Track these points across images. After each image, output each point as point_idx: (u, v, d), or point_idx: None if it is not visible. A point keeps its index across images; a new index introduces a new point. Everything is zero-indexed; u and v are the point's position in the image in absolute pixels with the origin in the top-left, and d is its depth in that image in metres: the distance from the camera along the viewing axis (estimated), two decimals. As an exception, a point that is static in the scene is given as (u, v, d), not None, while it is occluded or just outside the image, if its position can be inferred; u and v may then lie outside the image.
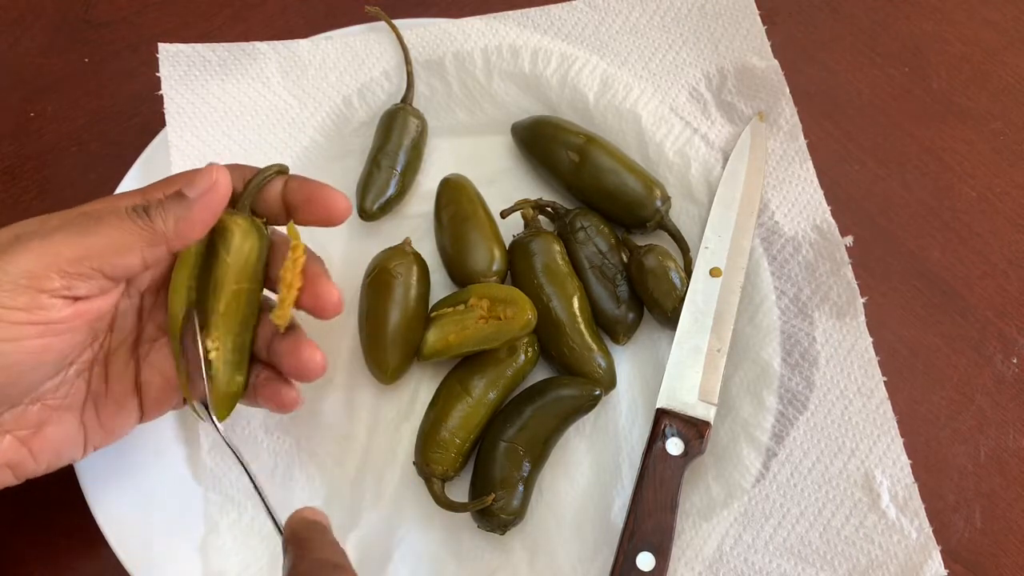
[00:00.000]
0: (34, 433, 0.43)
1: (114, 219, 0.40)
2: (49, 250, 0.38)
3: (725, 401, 0.54)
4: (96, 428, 0.45)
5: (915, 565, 0.50)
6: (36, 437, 0.43)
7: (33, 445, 0.43)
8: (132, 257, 0.41)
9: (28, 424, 0.43)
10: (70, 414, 0.44)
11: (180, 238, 0.42)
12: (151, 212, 0.41)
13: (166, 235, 0.41)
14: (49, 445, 0.43)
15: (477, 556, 0.52)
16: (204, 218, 0.42)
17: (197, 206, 0.42)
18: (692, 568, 0.50)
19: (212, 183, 0.42)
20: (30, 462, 0.43)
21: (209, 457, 0.52)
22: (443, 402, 0.53)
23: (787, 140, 0.60)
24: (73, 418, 0.44)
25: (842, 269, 0.56)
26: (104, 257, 0.40)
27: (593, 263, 0.57)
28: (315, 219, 0.46)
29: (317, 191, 0.45)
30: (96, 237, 0.40)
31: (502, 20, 0.63)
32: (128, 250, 0.40)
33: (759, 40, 0.63)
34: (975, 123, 0.66)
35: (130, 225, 0.40)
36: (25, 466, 0.43)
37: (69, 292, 0.39)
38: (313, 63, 0.61)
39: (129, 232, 0.40)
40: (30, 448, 0.43)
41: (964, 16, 0.69)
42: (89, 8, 0.69)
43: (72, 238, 0.39)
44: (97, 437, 0.46)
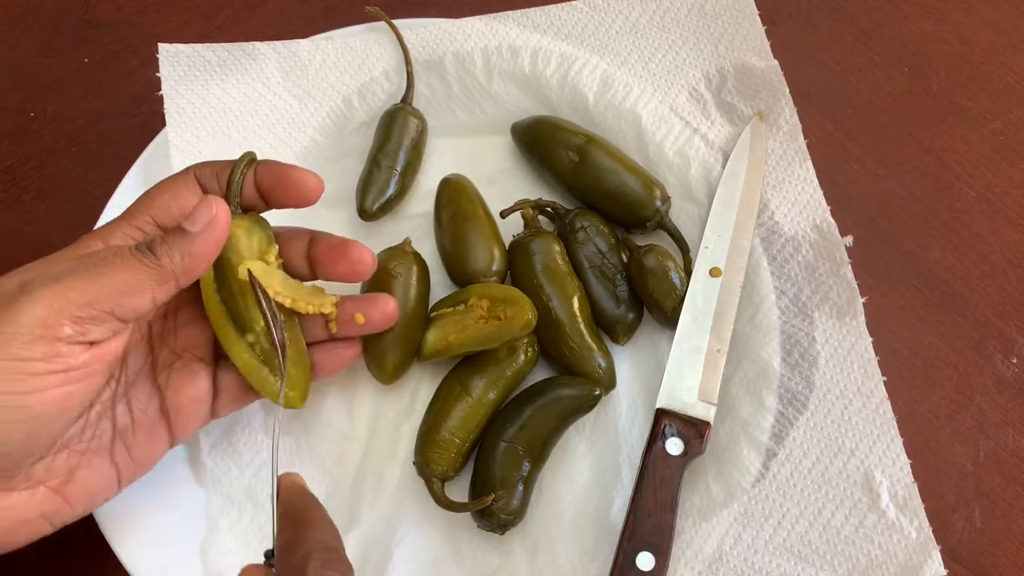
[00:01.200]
0: (66, 481, 0.43)
1: (120, 261, 0.40)
2: (59, 297, 0.38)
3: (725, 401, 0.54)
4: (128, 463, 0.45)
5: (915, 565, 0.50)
6: (68, 485, 0.43)
7: (67, 493, 0.43)
8: (143, 298, 0.41)
9: (58, 473, 0.43)
10: (99, 456, 0.44)
11: (187, 274, 0.42)
12: (157, 250, 0.41)
13: (174, 272, 0.41)
14: (82, 490, 0.43)
15: (477, 556, 0.52)
16: (209, 251, 0.43)
17: (201, 240, 0.42)
18: (692, 568, 0.50)
19: (212, 216, 0.42)
20: (66, 509, 0.43)
21: (210, 458, 0.52)
22: (443, 402, 0.53)
23: (787, 140, 0.60)
24: (103, 460, 0.44)
25: (842, 269, 0.56)
26: (115, 300, 0.40)
27: (593, 263, 0.57)
28: (288, 201, 0.46)
29: (286, 173, 0.46)
30: (105, 280, 0.40)
31: (502, 20, 0.63)
32: (139, 291, 0.40)
33: (759, 40, 0.63)
34: (975, 123, 0.66)
35: (137, 265, 0.40)
36: (61, 514, 0.43)
37: (84, 337, 0.39)
38: (313, 63, 0.61)
39: (137, 272, 0.40)
40: (64, 496, 0.43)
41: (963, 16, 0.69)
42: (89, 8, 0.69)
43: (81, 283, 0.39)
44: (130, 472, 0.46)
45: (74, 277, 0.39)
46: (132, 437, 0.45)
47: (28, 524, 0.42)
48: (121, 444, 0.45)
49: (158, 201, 0.44)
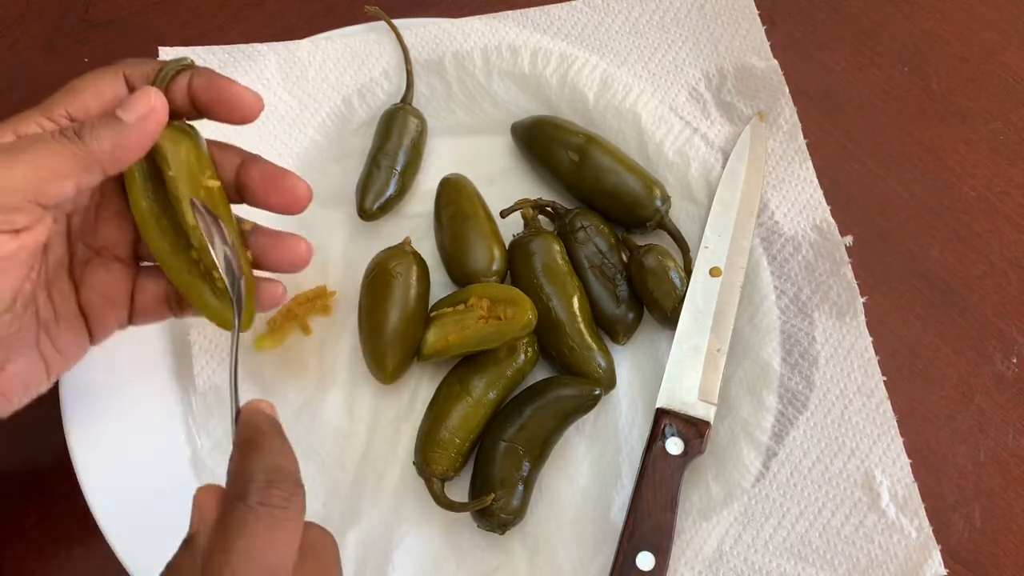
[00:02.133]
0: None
1: (43, 146, 0.39)
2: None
3: (725, 401, 0.54)
4: (54, 355, 0.45)
5: (915, 564, 0.50)
6: (1, 377, 0.42)
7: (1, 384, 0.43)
8: (67, 182, 0.39)
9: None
10: (27, 347, 0.43)
11: (115, 162, 0.40)
12: (84, 135, 0.39)
13: (100, 159, 0.40)
14: (15, 382, 0.43)
15: (477, 556, 0.52)
16: (141, 143, 0.41)
17: (135, 130, 0.40)
18: (692, 568, 0.50)
19: (150, 108, 0.40)
20: (3, 402, 0.43)
21: (209, 457, 0.53)
22: (443, 402, 0.53)
23: (787, 140, 0.60)
24: (31, 351, 0.44)
25: (842, 269, 0.56)
26: (39, 186, 0.38)
27: (593, 263, 0.57)
28: (226, 116, 0.44)
29: (226, 89, 0.44)
30: (29, 166, 0.38)
31: (502, 20, 0.63)
32: (63, 176, 0.39)
33: (759, 40, 0.63)
34: (975, 123, 0.66)
35: (62, 150, 0.39)
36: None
37: (9, 226, 0.38)
38: (313, 63, 0.61)
39: (63, 157, 0.39)
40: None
41: (964, 16, 0.69)
42: (89, 8, 0.69)
43: (3, 169, 0.37)
44: (57, 363, 0.45)
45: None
46: (56, 329, 0.45)
47: None
48: (46, 336, 0.44)
49: (79, 97, 0.42)
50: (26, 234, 0.39)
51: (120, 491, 0.50)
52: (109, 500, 0.50)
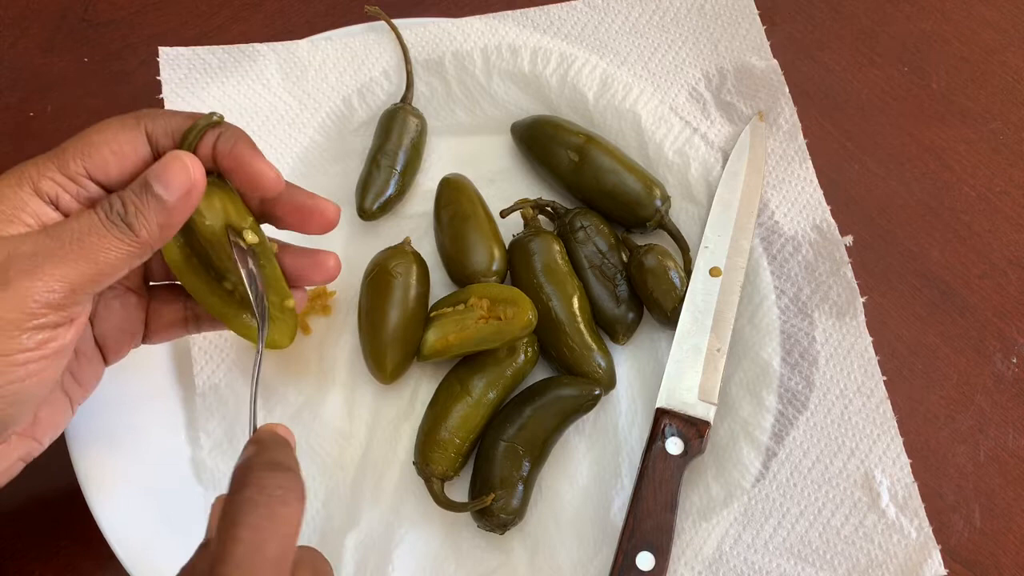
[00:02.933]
0: (33, 424, 0.44)
1: (96, 239, 0.38)
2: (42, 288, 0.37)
3: (725, 401, 0.54)
4: (76, 389, 0.46)
5: (915, 564, 0.50)
6: (35, 426, 0.44)
7: (35, 433, 0.44)
8: (122, 272, 0.40)
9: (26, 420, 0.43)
10: (56, 392, 0.45)
11: (162, 241, 0.41)
12: (133, 224, 0.39)
13: (151, 244, 0.40)
14: (47, 426, 0.45)
15: (477, 556, 0.52)
16: (184, 217, 0.41)
17: (178, 209, 0.40)
18: (692, 568, 0.50)
19: (192, 184, 0.40)
20: (36, 446, 0.44)
21: (210, 458, 0.53)
22: (443, 402, 0.53)
23: (787, 140, 0.60)
24: (58, 394, 0.45)
25: (842, 269, 0.56)
26: (96, 280, 0.39)
27: (593, 263, 0.57)
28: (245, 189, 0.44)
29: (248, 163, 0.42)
30: (84, 263, 0.38)
31: (501, 20, 0.63)
32: (119, 268, 0.39)
33: (759, 40, 0.63)
34: (975, 123, 0.66)
35: (115, 242, 0.39)
36: (34, 452, 0.44)
37: (67, 318, 0.39)
38: (313, 63, 0.61)
39: (116, 249, 0.39)
40: (33, 436, 0.44)
41: (964, 16, 0.69)
42: (89, 8, 0.69)
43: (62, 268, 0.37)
44: (78, 395, 0.46)
45: (52, 262, 0.37)
46: (77, 366, 0.46)
47: (7, 472, 0.43)
48: (69, 375, 0.45)
49: (97, 152, 0.40)
50: (80, 319, 0.40)
51: (120, 491, 0.50)
52: (109, 500, 0.50)
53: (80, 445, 0.51)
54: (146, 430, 0.53)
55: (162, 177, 0.40)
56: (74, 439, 0.51)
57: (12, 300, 0.36)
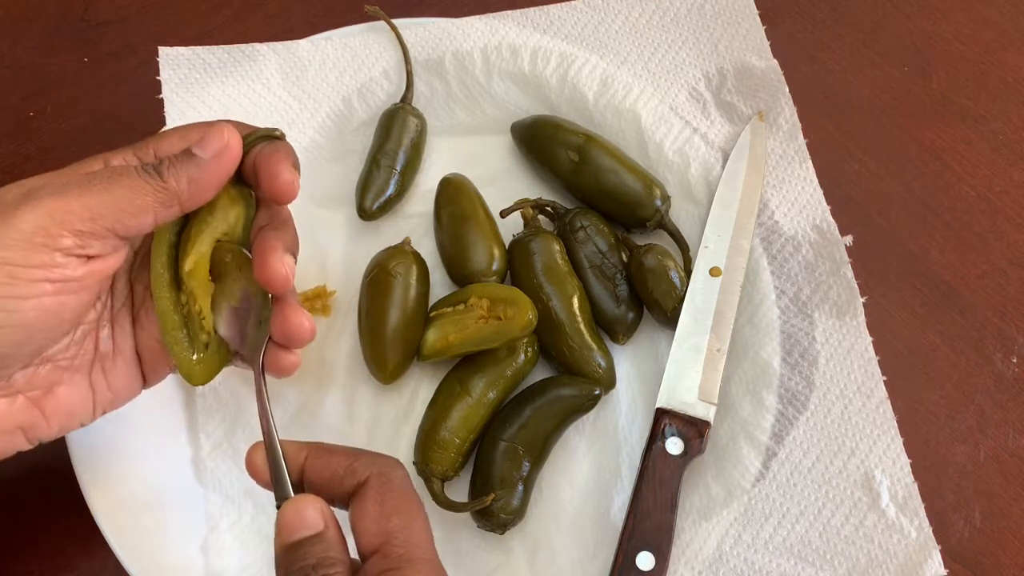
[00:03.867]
0: (45, 394, 0.43)
1: (127, 179, 0.40)
2: (63, 207, 0.38)
3: (725, 401, 0.54)
4: (104, 390, 0.45)
5: (915, 564, 0.50)
6: (48, 398, 0.43)
7: (45, 406, 0.43)
8: (145, 217, 0.40)
9: (39, 384, 0.43)
10: (80, 375, 0.44)
11: (192, 199, 0.41)
12: (163, 172, 0.40)
13: (179, 196, 0.41)
14: (60, 407, 0.43)
15: (477, 556, 0.52)
16: (217, 180, 0.42)
17: (210, 167, 0.41)
18: (692, 568, 0.50)
19: (224, 144, 0.41)
20: (43, 424, 0.43)
21: (210, 458, 0.52)
22: (443, 402, 0.53)
23: (787, 140, 0.60)
24: (83, 379, 0.44)
25: (842, 269, 0.56)
26: (118, 216, 0.39)
27: (593, 263, 0.57)
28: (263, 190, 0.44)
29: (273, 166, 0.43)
30: (110, 196, 0.39)
31: (501, 20, 0.63)
32: (142, 210, 0.40)
33: (759, 40, 0.63)
34: (975, 123, 0.66)
35: (143, 185, 0.40)
36: (37, 429, 0.43)
37: (83, 251, 0.39)
38: (313, 63, 0.61)
39: (143, 192, 0.40)
40: (42, 410, 0.43)
41: (964, 16, 0.69)
42: (88, 8, 0.69)
43: (86, 197, 0.38)
44: (105, 400, 0.45)
45: (80, 190, 0.38)
46: (111, 364, 0.45)
47: (4, 435, 0.42)
48: (100, 368, 0.45)
49: (167, 140, 0.43)
50: (97, 261, 0.40)
51: (120, 491, 0.50)
52: (109, 500, 0.50)
53: (80, 445, 0.51)
54: (146, 430, 0.53)
55: (200, 140, 0.41)
56: (74, 439, 0.51)
57: (31, 214, 0.37)
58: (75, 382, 0.44)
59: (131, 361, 0.46)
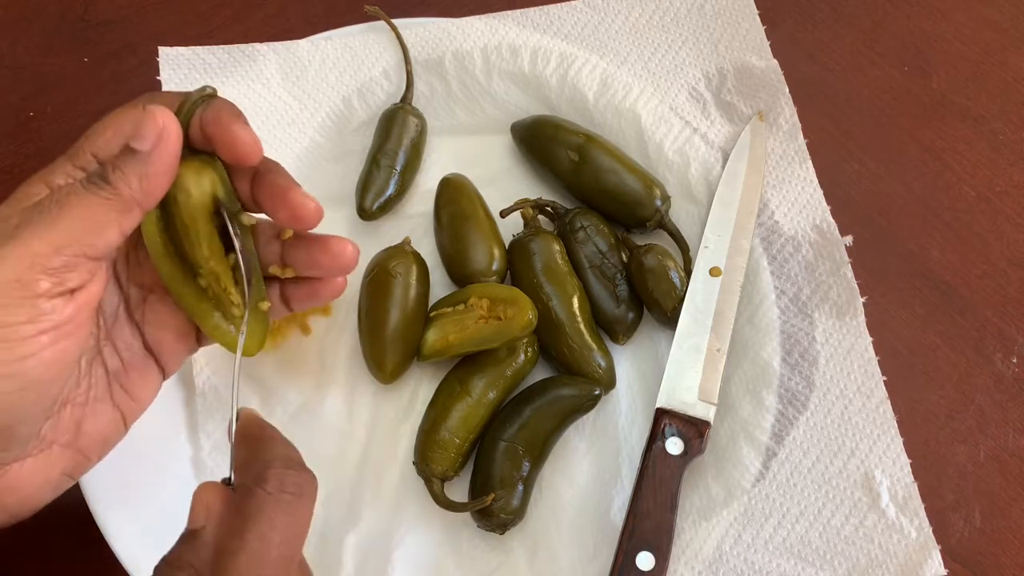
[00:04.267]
0: (76, 435, 0.42)
1: (76, 198, 0.37)
2: (24, 251, 0.36)
3: (725, 401, 0.54)
4: (128, 403, 0.44)
5: (915, 564, 0.50)
6: (79, 438, 0.42)
7: (80, 445, 0.42)
8: (110, 232, 0.38)
9: (67, 429, 0.42)
10: (101, 403, 0.43)
11: (149, 197, 0.39)
12: (110, 178, 0.38)
13: (135, 198, 0.38)
14: (94, 440, 0.43)
15: (477, 556, 0.52)
16: (167, 168, 0.39)
17: (154, 159, 0.38)
18: (692, 568, 0.50)
19: (161, 130, 0.38)
20: (83, 461, 0.43)
21: (210, 458, 0.52)
22: (443, 402, 0.53)
23: (787, 140, 0.60)
24: (105, 405, 0.43)
25: (842, 269, 0.56)
26: (83, 240, 0.37)
27: (593, 263, 0.57)
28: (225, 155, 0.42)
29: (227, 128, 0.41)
30: (67, 222, 0.37)
31: (501, 20, 0.63)
32: (104, 226, 0.38)
33: (758, 40, 0.63)
34: (975, 123, 0.65)
35: (95, 200, 0.37)
36: (81, 467, 0.43)
37: (63, 287, 0.37)
38: (313, 63, 0.61)
39: (98, 207, 0.37)
40: (78, 449, 0.42)
41: (964, 16, 0.69)
42: (88, 8, 0.69)
43: (42, 232, 0.36)
44: (132, 411, 0.45)
45: (32, 228, 0.36)
46: (126, 377, 0.44)
47: (51, 484, 0.41)
48: (118, 386, 0.44)
49: (101, 137, 0.40)
50: (81, 293, 0.38)
51: (120, 491, 0.50)
52: (109, 500, 0.50)
53: (80, 445, 0.51)
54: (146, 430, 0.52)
55: (135, 133, 0.39)
56: (74, 439, 0.51)
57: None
58: (99, 411, 0.43)
59: (144, 363, 0.45)
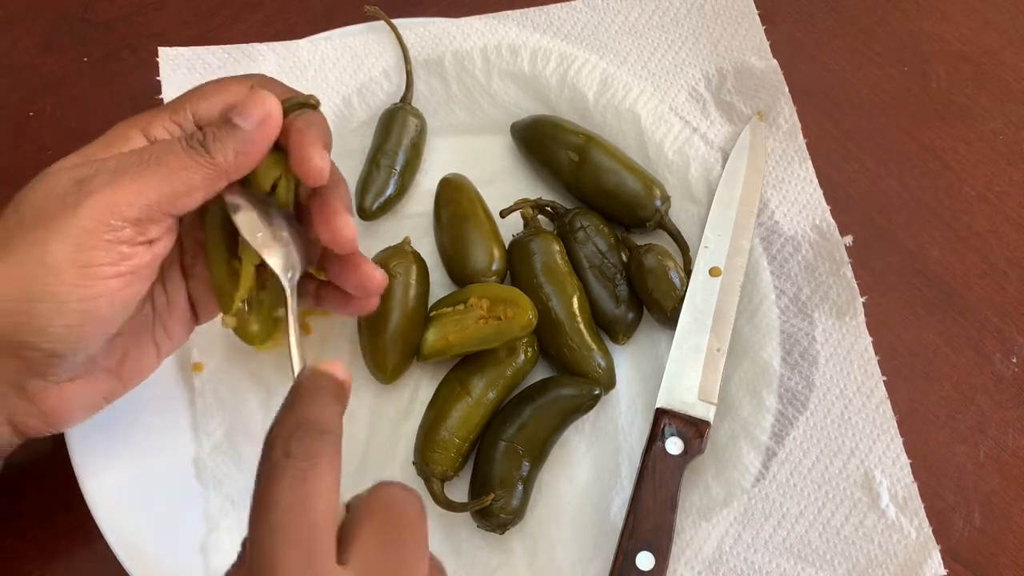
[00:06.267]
0: (120, 363, 0.45)
1: (174, 158, 0.40)
2: (121, 199, 0.38)
3: (725, 401, 0.54)
4: (165, 340, 0.47)
5: (914, 564, 0.50)
6: (123, 366, 0.45)
7: (122, 373, 0.45)
8: (197, 195, 0.40)
9: (115, 357, 0.44)
10: (145, 336, 0.46)
11: (239, 170, 0.42)
12: (210, 147, 0.40)
13: (227, 170, 0.41)
14: (134, 370, 0.46)
15: (477, 556, 0.52)
16: (261, 150, 0.42)
17: (254, 138, 0.41)
18: (692, 567, 0.50)
19: (266, 114, 0.41)
20: (120, 388, 0.45)
21: (210, 458, 0.52)
22: (443, 402, 0.53)
23: (786, 139, 0.60)
24: (148, 339, 0.46)
25: (841, 269, 0.56)
26: (171, 199, 0.39)
27: (592, 263, 0.57)
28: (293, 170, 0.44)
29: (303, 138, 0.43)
30: (161, 179, 0.39)
31: (501, 20, 0.63)
32: (193, 189, 0.40)
33: (758, 40, 0.63)
34: (975, 122, 0.65)
35: (192, 163, 0.40)
36: (116, 393, 0.45)
37: (144, 237, 0.39)
38: (312, 63, 0.61)
39: (193, 171, 0.40)
40: (119, 376, 0.45)
41: (964, 16, 0.69)
42: (88, 8, 0.69)
43: (138, 183, 0.38)
44: (166, 346, 0.47)
45: (131, 176, 0.38)
46: (168, 317, 0.47)
47: (91, 405, 0.44)
48: (160, 325, 0.46)
49: (204, 101, 0.43)
50: (157, 245, 0.41)
51: (120, 491, 0.50)
52: (109, 500, 0.50)
53: (80, 445, 0.51)
54: (146, 430, 0.53)
55: (241, 110, 0.41)
56: (74, 439, 0.51)
57: (91, 209, 0.37)
58: (142, 344, 0.46)
59: (185, 308, 0.48)
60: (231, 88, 0.44)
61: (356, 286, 0.48)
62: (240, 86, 0.44)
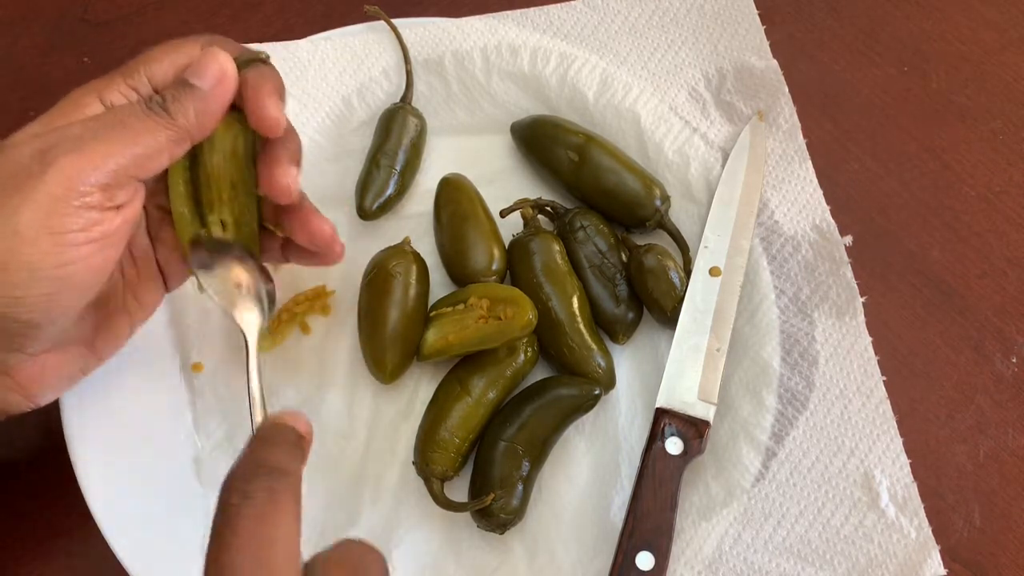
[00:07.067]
0: (93, 335, 0.45)
1: (136, 121, 0.40)
2: (86, 164, 0.38)
3: (724, 400, 0.54)
4: (137, 309, 0.47)
5: (914, 564, 0.50)
6: (96, 338, 0.46)
7: (95, 345, 0.46)
8: (162, 158, 0.41)
9: (88, 327, 0.45)
10: (115, 305, 0.46)
11: (201, 130, 0.42)
12: (170, 108, 0.41)
13: (189, 131, 0.41)
14: (108, 340, 0.46)
15: (477, 556, 0.52)
16: (220, 109, 0.42)
17: (212, 97, 0.42)
18: (692, 567, 0.50)
19: (222, 72, 0.42)
20: (95, 361, 0.46)
21: (210, 458, 0.53)
22: (442, 402, 0.53)
23: (786, 139, 0.60)
24: (119, 310, 0.46)
25: (841, 268, 0.56)
26: (137, 162, 0.39)
27: (592, 262, 0.57)
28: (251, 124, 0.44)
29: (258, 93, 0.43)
30: (126, 143, 0.39)
31: (501, 20, 0.63)
32: (159, 151, 0.40)
33: (758, 40, 0.63)
34: (974, 122, 0.65)
35: (154, 126, 0.40)
36: (91, 365, 0.46)
37: (112, 202, 0.39)
38: (312, 63, 0.61)
39: (156, 133, 0.40)
40: (93, 347, 0.46)
41: (964, 16, 0.69)
42: (88, 8, 0.69)
43: (103, 147, 0.39)
44: (138, 315, 0.48)
45: (96, 141, 0.39)
46: (139, 286, 0.47)
47: (68, 378, 0.45)
48: (131, 293, 0.47)
49: (157, 64, 0.43)
50: (126, 209, 0.40)
51: (120, 492, 0.50)
52: (109, 501, 0.50)
53: (80, 445, 0.51)
54: (146, 430, 0.53)
55: (196, 70, 0.42)
56: (74, 438, 0.51)
57: (59, 176, 0.37)
58: (114, 313, 0.46)
59: (155, 276, 0.48)
60: (183, 49, 0.44)
61: (308, 240, 0.48)
62: (192, 46, 0.44)
